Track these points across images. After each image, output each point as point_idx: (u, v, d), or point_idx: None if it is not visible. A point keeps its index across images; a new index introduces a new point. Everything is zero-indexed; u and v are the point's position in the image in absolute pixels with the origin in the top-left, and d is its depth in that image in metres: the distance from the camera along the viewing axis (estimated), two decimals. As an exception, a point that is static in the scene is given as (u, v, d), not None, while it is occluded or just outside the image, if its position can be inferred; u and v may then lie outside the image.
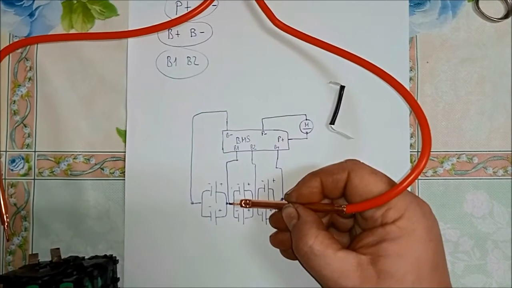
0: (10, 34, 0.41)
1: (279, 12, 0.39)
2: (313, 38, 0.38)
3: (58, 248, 0.34)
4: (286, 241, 0.36)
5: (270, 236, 0.38)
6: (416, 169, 0.33)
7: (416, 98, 0.40)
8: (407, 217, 0.30)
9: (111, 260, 0.37)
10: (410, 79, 0.40)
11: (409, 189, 0.39)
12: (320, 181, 0.33)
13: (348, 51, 0.38)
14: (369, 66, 0.38)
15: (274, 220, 0.37)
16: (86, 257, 0.38)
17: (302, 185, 0.34)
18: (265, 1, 0.39)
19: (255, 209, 0.40)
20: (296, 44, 0.40)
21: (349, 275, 0.29)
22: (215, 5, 0.41)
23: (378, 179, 0.32)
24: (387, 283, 0.28)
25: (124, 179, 0.40)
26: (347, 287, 0.29)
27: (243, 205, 0.36)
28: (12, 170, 0.40)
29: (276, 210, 0.37)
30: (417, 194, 0.40)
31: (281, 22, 0.39)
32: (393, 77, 0.37)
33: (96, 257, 0.38)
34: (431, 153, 0.39)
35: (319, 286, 0.39)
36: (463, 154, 0.40)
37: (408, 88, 0.40)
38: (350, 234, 0.35)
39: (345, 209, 0.32)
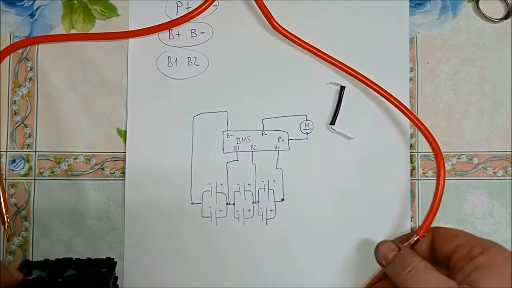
0: (10, 34, 0.41)
1: (279, 12, 0.39)
2: (310, 46, 0.39)
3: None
4: None
5: None
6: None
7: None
8: (492, 249, 0.32)
9: (109, 272, 0.37)
10: (410, 79, 0.40)
11: (409, 189, 0.39)
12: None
13: (344, 62, 0.39)
14: (367, 82, 0.39)
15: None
16: (82, 261, 0.37)
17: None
18: (265, 2, 0.39)
19: (255, 209, 0.40)
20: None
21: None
22: (216, 6, 0.41)
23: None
24: None
25: (124, 179, 0.40)
26: None
27: None
28: (12, 170, 0.40)
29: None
30: (417, 195, 0.40)
31: (280, 26, 0.39)
32: (393, 96, 0.39)
33: (94, 261, 0.38)
34: (430, 153, 0.40)
35: (318, 286, 0.39)
36: (463, 154, 0.40)
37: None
38: None
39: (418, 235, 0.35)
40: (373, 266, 0.38)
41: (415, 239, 0.37)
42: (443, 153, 0.40)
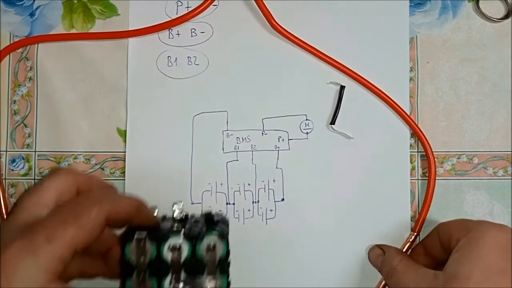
0: (10, 33, 0.41)
1: (279, 12, 0.39)
2: (310, 46, 0.39)
3: (181, 201, 0.32)
4: None
5: None
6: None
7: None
8: (475, 230, 0.31)
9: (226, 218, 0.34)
10: (411, 79, 0.40)
11: (409, 189, 0.40)
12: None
13: (344, 62, 0.39)
14: (362, 80, 0.39)
15: None
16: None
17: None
18: (265, 2, 0.39)
19: (255, 209, 0.40)
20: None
21: (423, 285, 0.30)
22: (216, 5, 0.41)
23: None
24: (451, 283, 0.29)
25: (124, 179, 0.40)
26: None
27: None
28: (12, 170, 0.40)
29: None
30: (417, 195, 0.40)
31: (280, 26, 0.39)
32: (393, 100, 0.39)
33: (211, 214, 0.34)
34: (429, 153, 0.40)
35: (319, 286, 0.39)
36: (463, 154, 0.40)
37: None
38: None
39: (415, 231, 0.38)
40: (373, 266, 0.38)
41: (413, 236, 0.38)
42: (443, 152, 0.40)
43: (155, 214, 0.29)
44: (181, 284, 0.25)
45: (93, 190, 0.27)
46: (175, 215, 0.28)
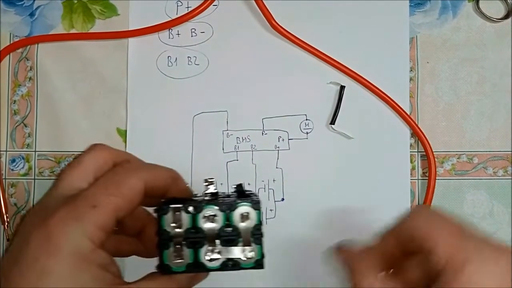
0: (10, 33, 0.41)
1: (279, 12, 0.39)
2: (310, 46, 0.39)
3: (213, 178, 0.32)
4: None
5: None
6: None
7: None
8: (477, 261, 0.23)
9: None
10: (411, 79, 0.40)
11: (409, 189, 0.39)
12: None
13: (344, 62, 0.39)
14: (361, 80, 0.39)
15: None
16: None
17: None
18: (265, 2, 0.39)
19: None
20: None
21: None
22: (216, 5, 0.41)
23: None
24: None
25: (125, 179, 0.40)
26: None
27: None
28: (12, 170, 0.40)
29: None
30: (417, 195, 0.40)
31: (280, 26, 0.39)
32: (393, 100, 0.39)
33: (241, 186, 0.32)
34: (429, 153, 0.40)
35: (319, 286, 0.39)
36: (463, 154, 0.40)
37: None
38: None
39: None
40: (373, 266, 0.38)
41: None
42: (443, 152, 0.40)
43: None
44: (216, 254, 0.26)
45: (131, 161, 0.28)
46: (207, 190, 0.28)
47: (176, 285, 0.26)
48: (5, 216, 0.39)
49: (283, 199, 0.40)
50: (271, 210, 0.40)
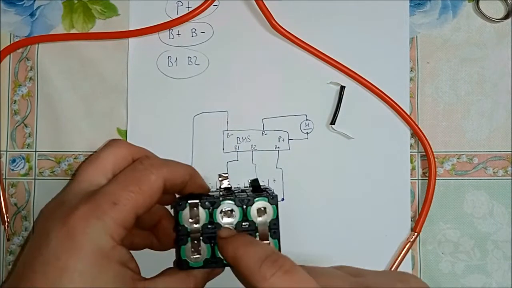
0: (10, 34, 0.41)
1: (279, 12, 0.39)
2: (310, 46, 0.39)
3: (227, 173, 0.32)
4: None
5: None
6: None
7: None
8: None
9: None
10: (411, 79, 0.41)
11: (409, 189, 0.40)
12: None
13: (344, 62, 0.39)
14: (362, 80, 0.39)
15: None
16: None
17: None
18: (265, 2, 0.39)
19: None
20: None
21: None
22: (216, 5, 0.41)
23: None
24: None
25: (125, 179, 0.40)
26: None
27: None
28: (12, 170, 0.40)
29: None
30: (417, 195, 0.40)
31: (280, 26, 0.39)
32: (393, 101, 0.39)
33: (257, 180, 0.32)
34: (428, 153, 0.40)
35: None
36: (463, 154, 0.40)
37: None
38: None
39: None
40: (373, 266, 0.38)
41: (413, 236, 0.38)
42: (443, 152, 0.40)
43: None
44: None
45: (150, 157, 0.28)
46: (222, 186, 0.29)
47: (193, 281, 0.26)
48: (5, 216, 0.39)
49: (283, 199, 0.40)
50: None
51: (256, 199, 0.27)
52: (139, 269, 0.26)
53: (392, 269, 0.38)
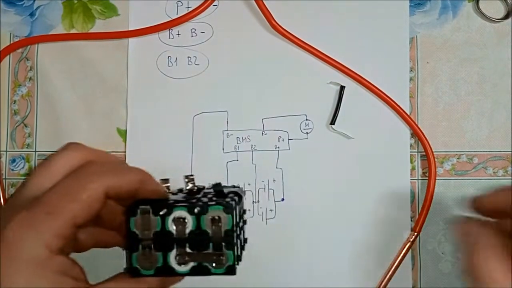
0: (10, 34, 0.41)
1: (279, 12, 0.39)
2: (310, 46, 0.39)
3: (193, 175, 0.30)
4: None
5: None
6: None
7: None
8: None
9: (241, 191, 0.32)
10: (411, 79, 0.40)
11: (409, 189, 0.39)
12: None
13: (344, 62, 0.39)
14: (362, 80, 0.39)
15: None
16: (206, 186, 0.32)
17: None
18: (265, 2, 0.39)
19: (255, 209, 0.40)
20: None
21: None
22: (216, 5, 0.41)
23: None
24: None
25: (125, 179, 0.40)
26: None
27: None
28: (12, 170, 0.40)
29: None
30: (417, 195, 0.40)
31: (280, 26, 0.39)
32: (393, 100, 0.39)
33: (220, 185, 0.31)
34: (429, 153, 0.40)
35: (319, 286, 0.39)
36: (463, 154, 0.40)
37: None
38: None
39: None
40: (373, 265, 0.38)
41: (413, 236, 0.38)
42: (443, 152, 0.40)
43: (167, 186, 0.28)
44: (186, 258, 0.25)
45: (95, 164, 0.26)
46: (185, 187, 0.28)
47: (146, 286, 0.25)
48: (5, 216, 0.39)
49: (283, 199, 0.40)
50: (271, 210, 0.40)
51: (210, 207, 0.25)
52: (85, 275, 0.25)
53: (392, 269, 0.38)
